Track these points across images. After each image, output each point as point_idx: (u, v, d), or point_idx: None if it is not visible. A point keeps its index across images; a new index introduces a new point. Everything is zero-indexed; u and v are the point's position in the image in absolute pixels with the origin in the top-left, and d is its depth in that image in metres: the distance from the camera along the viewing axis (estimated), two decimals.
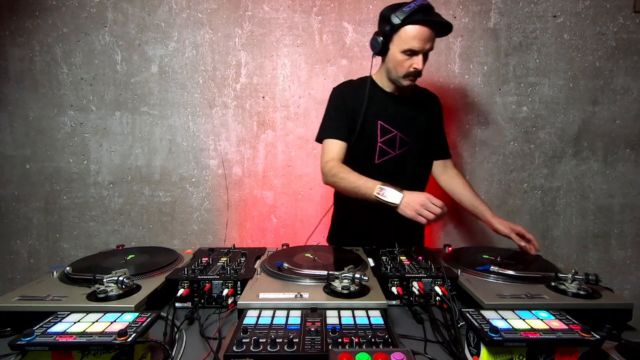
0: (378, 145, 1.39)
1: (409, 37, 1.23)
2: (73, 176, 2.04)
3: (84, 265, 1.08)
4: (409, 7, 1.20)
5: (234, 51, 1.97)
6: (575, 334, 0.68)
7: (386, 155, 1.41)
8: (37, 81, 1.97)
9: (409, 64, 1.27)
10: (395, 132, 1.39)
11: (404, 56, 1.26)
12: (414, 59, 1.26)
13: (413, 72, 1.28)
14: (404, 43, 1.24)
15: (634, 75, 1.96)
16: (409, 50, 1.24)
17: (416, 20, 1.21)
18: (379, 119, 1.38)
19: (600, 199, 2.05)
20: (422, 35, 1.22)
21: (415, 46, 1.23)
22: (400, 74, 1.30)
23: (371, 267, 1.10)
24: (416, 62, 1.26)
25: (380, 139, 1.39)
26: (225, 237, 2.08)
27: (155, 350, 0.77)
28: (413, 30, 1.22)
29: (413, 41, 1.22)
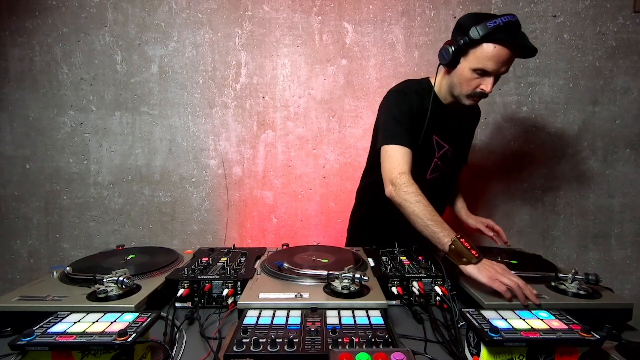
0: (434, 161, 1.31)
1: (485, 56, 1.08)
2: (73, 176, 2.04)
3: (84, 265, 1.08)
4: (493, 22, 1.04)
5: (234, 51, 1.97)
6: (575, 334, 0.68)
7: (437, 172, 1.34)
8: (37, 81, 1.97)
9: (476, 84, 1.14)
10: (447, 147, 1.32)
11: (474, 75, 1.13)
12: (484, 79, 1.13)
13: (479, 94, 1.16)
14: (478, 61, 1.10)
15: (634, 75, 1.96)
16: (480, 70, 1.11)
17: (498, 40, 1.06)
18: (434, 134, 1.28)
19: (600, 199, 2.05)
20: (500, 57, 1.08)
21: (489, 67, 1.09)
22: (464, 93, 1.17)
23: (371, 267, 1.10)
24: (485, 84, 1.13)
25: (437, 154, 1.31)
26: (225, 237, 2.08)
27: (155, 350, 0.77)
28: (492, 50, 1.07)
29: (489, 62, 1.09)
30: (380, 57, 1.97)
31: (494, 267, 0.94)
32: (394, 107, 1.24)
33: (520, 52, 1.11)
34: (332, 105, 2.00)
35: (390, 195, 1.16)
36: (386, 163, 1.19)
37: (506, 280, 0.90)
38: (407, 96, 1.25)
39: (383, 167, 1.20)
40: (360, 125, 2.00)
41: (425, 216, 1.05)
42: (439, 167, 1.33)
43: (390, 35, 1.96)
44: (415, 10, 1.94)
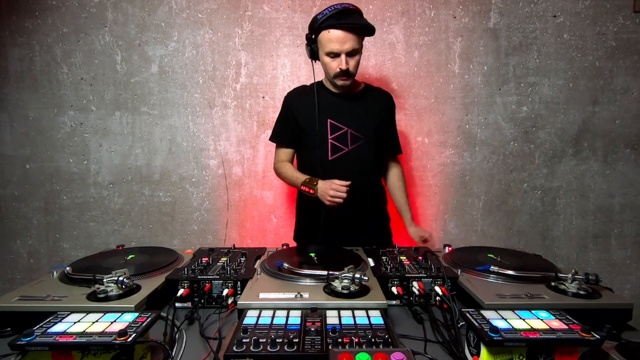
0: (329, 142, 1.47)
1: (325, 40, 1.34)
2: (73, 176, 2.03)
3: (84, 265, 1.08)
4: (322, 14, 1.31)
5: (234, 51, 1.97)
6: (575, 334, 0.68)
7: (339, 152, 1.47)
8: (37, 81, 1.97)
9: (335, 65, 1.36)
10: (346, 128, 1.47)
11: (329, 58, 1.37)
12: (337, 59, 1.35)
13: (340, 73, 1.36)
14: (324, 46, 1.35)
15: (634, 75, 1.97)
16: (331, 53, 1.35)
17: (329, 25, 1.31)
18: (328, 117, 1.47)
19: (600, 199, 2.05)
20: (337, 37, 1.31)
21: (334, 48, 1.33)
22: (331, 75, 1.40)
23: (371, 267, 1.09)
24: (340, 63, 1.34)
25: (330, 136, 1.47)
26: (225, 237, 2.08)
27: (155, 350, 0.77)
28: (327, 34, 1.33)
29: (330, 44, 1.33)
30: (380, 57, 1.97)
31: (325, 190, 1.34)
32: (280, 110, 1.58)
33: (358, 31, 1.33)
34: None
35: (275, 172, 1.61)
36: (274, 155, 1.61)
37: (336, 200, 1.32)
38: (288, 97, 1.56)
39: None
40: None
41: (288, 178, 1.52)
42: (338, 148, 1.47)
43: (390, 35, 1.96)
44: (415, 10, 1.94)
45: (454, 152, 2.03)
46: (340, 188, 1.32)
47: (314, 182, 1.39)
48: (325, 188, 1.35)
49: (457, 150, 2.03)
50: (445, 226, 2.09)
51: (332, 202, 1.34)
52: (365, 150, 1.48)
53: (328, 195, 1.33)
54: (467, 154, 2.03)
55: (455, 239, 2.08)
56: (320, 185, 1.37)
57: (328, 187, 1.34)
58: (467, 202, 2.06)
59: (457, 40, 1.95)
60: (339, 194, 1.32)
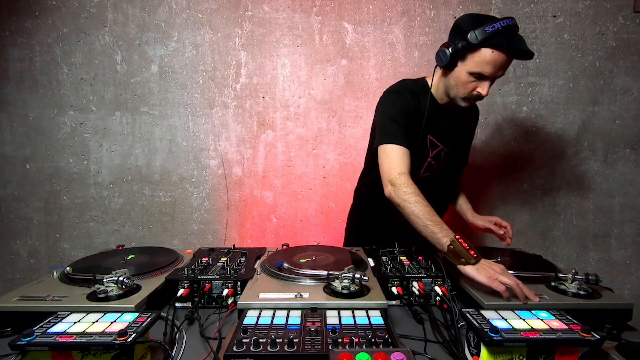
0: (428, 160, 1.32)
1: (483, 61, 1.08)
2: (73, 176, 2.04)
3: (84, 265, 1.08)
4: (492, 27, 1.04)
5: (234, 51, 1.97)
6: (575, 334, 0.68)
7: (430, 171, 1.35)
8: (37, 81, 1.97)
9: (473, 87, 1.14)
10: (441, 146, 1.33)
11: (471, 78, 1.13)
12: (480, 83, 1.13)
13: (475, 96, 1.16)
14: (475, 65, 1.10)
15: (634, 75, 1.96)
16: (477, 74, 1.11)
17: (496, 45, 1.06)
18: (428, 133, 1.29)
19: (600, 199, 2.05)
20: (498, 62, 1.08)
21: (487, 71, 1.10)
22: (461, 95, 1.18)
23: (371, 267, 1.09)
24: (482, 87, 1.13)
25: (431, 153, 1.32)
26: (225, 237, 2.08)
27: (155, 350, 0.77)
28: (490, 55, 1.07)
29: (487, 66, 1.09)
30: (380, 57, 1.97)
31: (492, 268, 0.94)
32: (390, 107, 1.24)
33: (518, 56, 1.12)
34: (332, 106, 2.00)
35: (389, 195, 1.15)
36: (385, 163, 1.18)
37: (505, 279, 0.89)
38: (403, 96, 1.24)
39: (381, 167, 1.19)
40: (360, 125, 2.00)
41: (425, 216, 1.05)
42: (432, 167, 1.34)
43: (390, 35, 1.96)
44: (415, 10, 1.94)
45: None
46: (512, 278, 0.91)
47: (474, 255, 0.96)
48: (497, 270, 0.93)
49: None
50: None
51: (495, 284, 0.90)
52: (451, 165, 1.40)
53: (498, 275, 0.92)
54: None
55: None
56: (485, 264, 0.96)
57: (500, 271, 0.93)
58: None
59: None
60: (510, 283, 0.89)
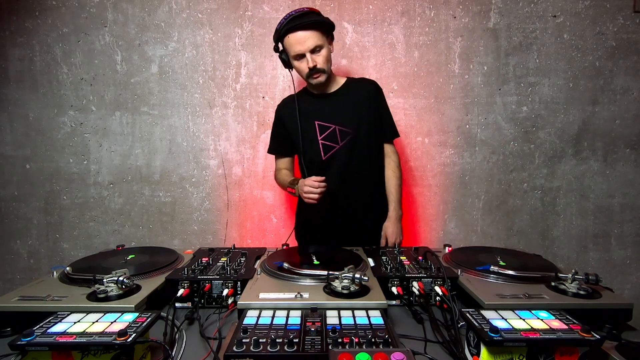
0: (319, 142, 1.50)
1: (288, 45, 1.40)
2: (73, 176, 2.04)
3: (84, 265, 1.08)
4: (279, 24, 1.39)
5: (234, 51, 1.97)
6: (575, 334, 0.68)
7: (331, 150, 1.49)
8: (37, 81, 1.97)
9: (304, 66, 1.40)
10: (333, 126, 1.49)
11: (297, 61, 1.41)
12: (304, 60, 1.39)
13: (310, 71, 1.40)
14: (290, 51, 1.40)
15: (634, 75, 1.96)
16: (297, 56, 1.40)
17: (287, 30, 1.37)
18: (315, 119, 1.50)
19: (600, 199, 2.05)
20: (297, 40, 1.36)
21: (297, 50, 1.38)
22: (305, 76, 1.44)
23: (371, 267, 1.10)
24: (308, 62, 1.38)
25: (320, 137, 1.49)
26: (225, 237, 2.08)
27: (155, 350, 0.77)
28: (288, 39, 1.38)
29: (294, 47, 1.38)
30: (380, 57, 1.97)
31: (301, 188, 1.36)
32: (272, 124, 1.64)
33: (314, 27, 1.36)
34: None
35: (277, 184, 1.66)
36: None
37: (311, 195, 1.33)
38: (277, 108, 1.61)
39: None
40: None
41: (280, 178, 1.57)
42: (329, 147, 1.50)
43: (390, 35, 1.96)
44: (415, 10, 1.94)
45: (454, 152, 2.03)
46: (312, 184, 1.32)
47: (295, 182, 1.43)
48: (301, 186, 1.37)
49: (457, 150, 2.03)
50: (445, 226, 2.09)
51: (308, 199, 1.35)
52: (357, 142, 1.49)
53: (304, 192, 1.35)
54: (467, 154, 2.03)
55: (455, 239, 2.08)
56: (299, 185, 1.40)
57: (302, 183, 1.37)
58: (467, 202, 2.06)
59: (457, 40, 1.95)
60: (312, 189, 1.32)
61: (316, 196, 1.33)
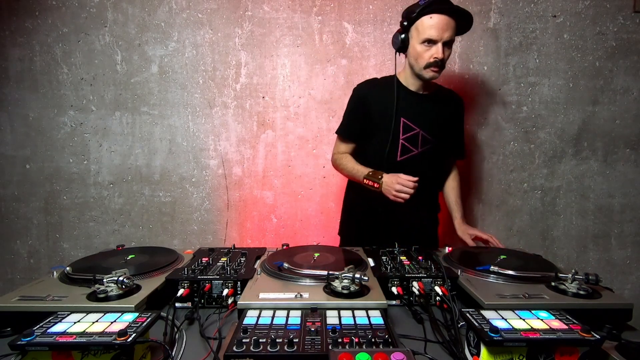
0: (400, 142, 1.42)
1: (425, 27, 1.27)
2: (73, 176, 2.03)
3: (84, 265, 1.08)
4: (423, 1, 1.26)
5: (234, 51, 1.97)
6: (575, 334, 0.68)
7: (408, 153, 1.43)
8: (37, 81, 1.96)
9: (429, 55, 1.30)
10: (418, 129, 1.42)
11: (424, 47, 1.30)
12: (433, 48, 1.29)
13: (434, 62, 1.30)
14: (422, 34, 1.28)
15: (634, 75, 1.96)
16: (427, 40, 1.28)
17: (431, 10, 1.25)
18: (402, 116, 1.41)
19: (600, 199, 2.05)
20: (438, 24, 1.26)
21: (432, 35, 1.26)
22: (422, 65, 1.32)
23: (371, 267, 1.09)
24: (436, 52, 1.28)
25: (402, 136, 1.42)
26: (225, 237, 2.08)
27: (155, 350, 0.77)
28: (429, 20, 1.26)
29: (430, 30, 1.26)
30: (380, 57, 1.97)
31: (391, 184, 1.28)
32: (348, 103, 1.51)
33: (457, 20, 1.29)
34: (332, 105, 2.00)
35: (332, 164, 1.56)
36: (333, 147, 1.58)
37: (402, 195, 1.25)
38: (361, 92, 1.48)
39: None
40: None
41: (348, 169, 1.46)
42: (408, 149, 1.43)
43: (390, 35, 1.95)
44: None
45: None
46: (407, 183, 1.25)
47: (379, 176, 1.32)
48: (392, 182, 1.28)
49: None
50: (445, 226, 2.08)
51: (396, 198, 1.27)
52: (434, 153, 1.46)
53: (393, 190, 1.26)
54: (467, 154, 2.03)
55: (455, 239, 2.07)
56: (386, 179, 1.30)
57: (395, 180, 1.27)
58: (467, 202, 2.06)
59: (457, 40, 1.95)
60: (405, 189, 1.25)
61: (407, 196, 1.25)
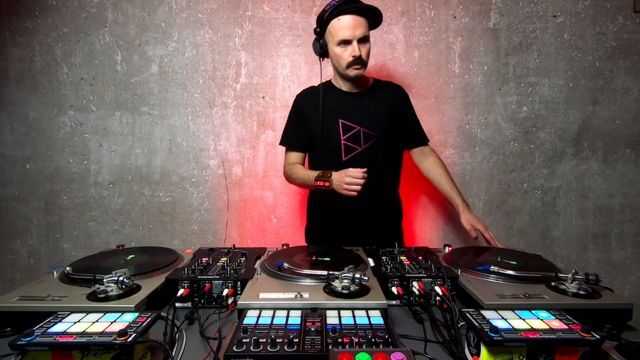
0: (342, 143, 1.45)
1: (336, 29, 1.32)
2: (73, 176, 2.03)
3: (84, 265, 1.08)
4: (330, 5, 1.31)
5: (234, 51, 1.97)
6: (575, 334, 0.68)
7: (352, 152, 1.46)
8: (37, 81, 1.97)
9: (347, 54, 1.34)
10: (358, 127, 1.45)
11: (340, 48, 1.35)
12: (349, 48, 1.33)
13: (354, 61, 1.34)
14: (335, 36, 1.33)
15: (634, 75, 1.96)
16: (342, 42, 1.33)
17: (338, 12, 1.31)
18: (339, 118, 1.45)
19: (600, 199, 2.05)
20: (348, 24, 1.30)
21: (345, 35, 1.31)
22: (344, 66, 1.37)
23: (371, 267, 1.09)
24: (352, 50, 1.33)
25: (343, 137, 1.45)
26: (225, 237, 2.08)
27: (155, 350, 0.77)
28: (338, 22, 1.31)
29: (342, 31, 1.31)
30: (381, 57, 1.97)
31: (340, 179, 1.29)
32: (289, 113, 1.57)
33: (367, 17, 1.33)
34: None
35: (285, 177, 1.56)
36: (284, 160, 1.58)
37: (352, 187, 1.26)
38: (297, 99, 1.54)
39: None
40: None
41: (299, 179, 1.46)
42: (351, 148, 1.45)
43: (390, 35, 1.96)
44: (415, 10, 1.94)
45: (454, 152, 2.03)
46: (356, 174, 1.27)
47: (328, 175, 1.35)
48: (340, 177, 1.30)
49: (457, 150, 2.03)
50: (445, 226, 2.09)
51: (348, 191, 1.28)
52: (379, 148, 1.46)
53: (344, 184, 1.28)
54: (467, 154, 2.03)
55: (455, 239, 2.08)
56: (334, 176, 1.32)
57: (343, 175, 1.29)
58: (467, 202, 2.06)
59: (457, 40, 1.95)
60: (355, 180, 1.27)
61: (359, 187, 1.26)
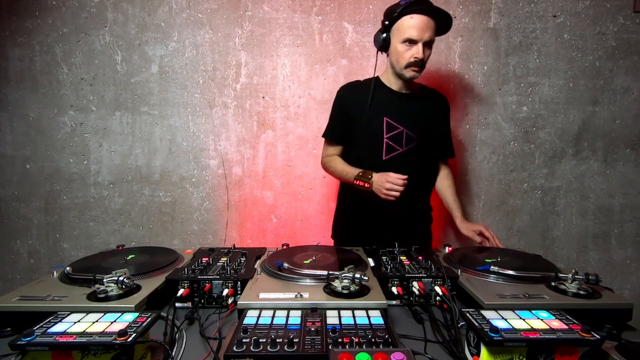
0: (384, 141, 1.43)
1: (406, 27, 1.30)
2: (73, 176, 2.03)
3: (84, 265, 1.08)
4: (404, 1, 1.30)
5: (234, 51, 1.97)
6: (575, 334, 0.68)
7: (393, 152, 1.44)
8: (37, 81, 1.96)
9: (409, 54, 1.32)
10: (402, 128, 1.43)
11: (404, 46, 1.32)
12: (413, 48, 1.32)
13: (414, 62, 1.32)
14: (402, 33, 1.31)
15: (634, 75, 1.96)
16: (407, 40, 1.31)
17: (412, 10, 1.29)
18: (384, 116, 1.42)
19: (600, 199, 2.05)
20: (418, 24, 1.29)
21: (413, 35, 1.29)
22: (403, 65, 1.35)
23: (371, 267, 1.10)
24: (416, 52, 1.31)
25: (386, 135, 1.43)
26: (225, 237, 2.08)
27: (155, 350, 0.77)
28: (409, 20, 1.29)
29: (411, 30, 1.29)
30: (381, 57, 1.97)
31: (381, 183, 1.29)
32: (332, 105, 1.54)
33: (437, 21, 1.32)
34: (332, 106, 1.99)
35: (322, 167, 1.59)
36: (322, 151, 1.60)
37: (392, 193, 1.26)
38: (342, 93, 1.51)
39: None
40: None
41: (338, 171, 1.48)
42: (393, 148, 1.44)
43: None
44: None
45: None
46: (396, 181, 1.26)
47: (369, 175, 1.33)
48: (382, 181, 1.29)
49: (457, 150, 2.02)
50: (445, 226, 2.09)
51: (387, 196, 1.28)
52: (419, 151, 1.46)
53: (384, 189, 1.28)
54: (467, 154, 2.03)
55: (455, 239, 2.08)
56: (375, 179, 1.31)
57: (384, 179, 1.28)
58: (467, 202, 2.06)
59: (457, 40, 1.95)
60: (395, 187, 1.26)
61: (398, 194, 1.26)
